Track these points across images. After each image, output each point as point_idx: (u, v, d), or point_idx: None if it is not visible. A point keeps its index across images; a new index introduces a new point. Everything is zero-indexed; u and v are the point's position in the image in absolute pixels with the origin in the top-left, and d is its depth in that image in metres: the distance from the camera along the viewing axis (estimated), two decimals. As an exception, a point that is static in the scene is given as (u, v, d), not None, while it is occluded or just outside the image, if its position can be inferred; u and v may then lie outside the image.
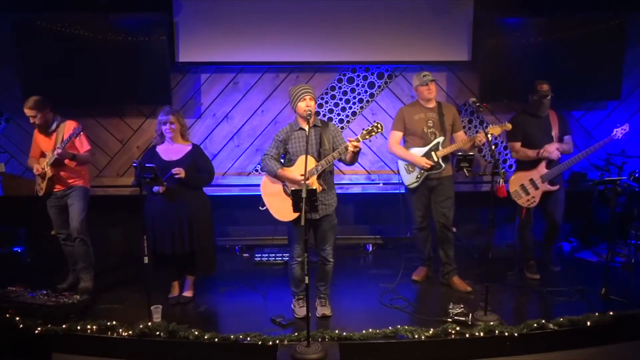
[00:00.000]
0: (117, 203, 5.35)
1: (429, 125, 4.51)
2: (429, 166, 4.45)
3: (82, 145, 4.50)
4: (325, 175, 3.99)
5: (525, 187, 4.74)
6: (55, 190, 4.49)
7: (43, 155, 4.51)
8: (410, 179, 4.59)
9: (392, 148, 4.64)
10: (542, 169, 4.71)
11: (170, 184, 4.14)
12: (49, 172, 4.39)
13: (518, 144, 4.76)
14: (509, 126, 4.46)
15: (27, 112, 4.35)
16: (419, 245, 4.87)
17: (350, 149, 3.76)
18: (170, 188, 4.14)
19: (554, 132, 4.74)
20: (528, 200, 4.75)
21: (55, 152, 4.29)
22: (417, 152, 4.52)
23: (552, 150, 4.65)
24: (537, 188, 4.72)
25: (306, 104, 3.88)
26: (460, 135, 4.59)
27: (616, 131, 4.66)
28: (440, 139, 4.49)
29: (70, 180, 4.50)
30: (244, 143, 5.72)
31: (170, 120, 4.19)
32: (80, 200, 4.51)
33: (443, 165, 4.49)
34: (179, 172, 4.11)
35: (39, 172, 4.44)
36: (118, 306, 4.30)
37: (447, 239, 4.66)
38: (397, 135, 4.62)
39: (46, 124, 4.42)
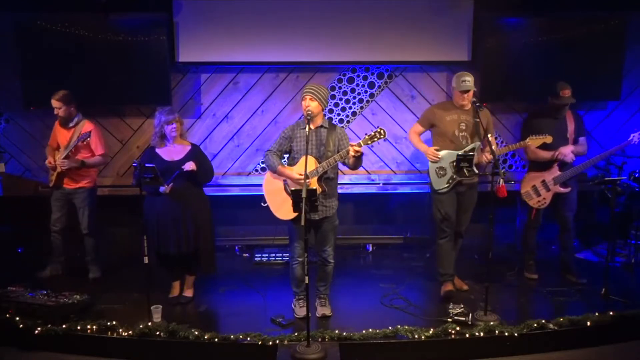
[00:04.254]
0: (117, 203, 5.35)
1: (461, 128, 4.31)
2: (436, 159, 4.31)
3: (97, 148, 4.68)
4: (327, 182, 3.97)
5: (537, 188, 4.69)
6: (64, 185, 4.65)
7: (59, 147, 4.66)
8: (440, 183, 4.37)
9: (410, 136, 4.58)
10: (554, 171, 4.65)
11: (176, 183, 4.14)
12: (59, 167, 4.52)
13: (533, 145, 4.61)
14: (549, 139, 4.31)
15: (54, 103, 4.54)
16: (442, 259, 4.48)
17: (351, 153, 3.76)
18: (174, 187, 4.15)
19: (570, 134, 4.67)
20: (539, 201, 4.69)
21: (59, 164, 4.50)
22: (448, 155, 4.33)
23: (567, 152, 4.57)
24: (548, 190, 4.66)
25: (305, 104, 3.88)
26: (492, 140, 4.34)
27: (633, 136, 4.59)
28: (477, 144, 4.30)
29: (78, 179, 4.66)
30: (244, 143, 5.72)
31: (176, 118, 4.21)
32: (88, 204, 4.73)
33: (477, 171, 4.31)
34: (191, 166, 4.12)
35: (50, 164, 4.60)
36: (118, 306, 4.30)
37: (456, 245, 4.62)
38: (418, 127, 4.51)
39: (69, 118, 4.61)
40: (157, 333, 3.77)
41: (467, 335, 3.76)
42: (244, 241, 5.82)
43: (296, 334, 3.75)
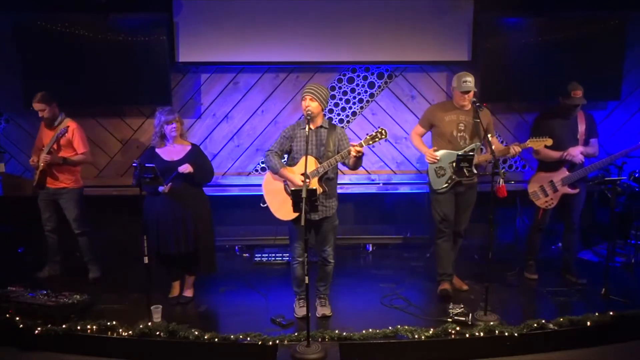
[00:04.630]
0: (118, 203, 5.35)
1: (459, 129, 4.30)
2: (434, 161, 4.31)
3: (79, 147, 4.65)
4: (327, 182, 3.96)
5: (544, 189, 4.64)
6: (48, 185, 4.66)
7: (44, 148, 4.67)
8: (439, 183, 4.36)
9: (412, 138, 4.58)
10: (563, 171, 4.59)
11: (175, 183, 4.14)
12: (41, 164, 4.54)
13: (534, 147, 4.53)
14: (549, 141, 4.29)
15: (37, 106, 4.54)
16: (441, 259, 4.50)
17: (353, 153, 3.75)
18: (173, 187, 4.15)
19: (580, 135, 4.59)
20: (546, 201, 4.64)
21: (42, 159, 4.50)
22: (447, 155, 4.32)
23: (576, 153, 4.51)
24: (556, 190, 4.61)
25: (305, 104, 3.87)
26: (495, 140, 4.34)
27: None
28: (477, 145, 4.28)
29: (62, 178, 4.66)
30: (244, 143, 5.72)
31: (176, 118, 4.21)
32: (74, 204, 4.71)
33: (476, 171, 4.29)
34: (187, 168, 4.11)
35: (34, 163, 4.61)
36: (118, 306, 4.30)
37: (456, 245, 4.61)
38: (419, 129, 4.51)
39: (53, 117, 4.62)
40: (157, 333, 3.77)
41: (467, 335, 3.76)
42: (244, 241, 5.81)
43: (296, 334, 3.75)
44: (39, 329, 3.82)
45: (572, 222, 4.75)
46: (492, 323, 3.85)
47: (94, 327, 3.83)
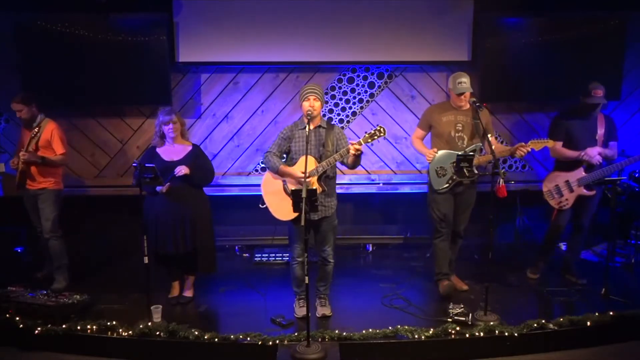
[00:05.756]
0: (118, 203, 5.35)
1: (457, 129, 4.29)
2: (431, 157, 4.29)
3: (58, 148, 4.61)
4: (327, 181, 3.97)
5: (560, 188, 4.55)
6: (28, 187, 4.60)
7: None
8: (440, 183, 4.33)
9: (413, 142, 4.58)
10: (580, 172, 4.50)
11: (174, 183, 4.14)
12: (21, 165, 4.50)
13: (559, 144, 4.49)
14: (551, 143, 4.25)
15: (15, 106, 4.51)
16: (438, 258, 4.50)
17: (352, 151, 3.75)
18: (172, 187, 4.15)
19: (599, 136, 4.51)
20: (560, 202, 4.56)
21: (21, 156, 4.43)
22: (448, 155, 4.28)
23: (594, 154, 4.43)
24: (571, 191, 4.52)
25: (309, 104, 3.87)
26: (493, 140, 4.29)
27: None
28: (478, 145, 4.24)
29: (41, 179, 4.59)
30: (244, 143, 5.72)
31: (174, 119, 4.20)
32: (50, 205, 4.60)
33: (476, 172, 4.26)
34: (183, 170, 4.10)
35: (14, 164, 4.58)
36: (118, 306, 4.30)
37: (455, 245, 4.62)
38: (419, 132, 4.50)
39: (32, 119, 4.58)
40: (157, 333, 3.77)
41: (467, 335, 3.76)
42: (244, 241, 5.81)
43: (296, 334, 3.75)
44: (39, 329, 3.83)
45: (582, 223, 4.69)
46: (492, 323, 3.86)
47: (94, 327, 3.84)
